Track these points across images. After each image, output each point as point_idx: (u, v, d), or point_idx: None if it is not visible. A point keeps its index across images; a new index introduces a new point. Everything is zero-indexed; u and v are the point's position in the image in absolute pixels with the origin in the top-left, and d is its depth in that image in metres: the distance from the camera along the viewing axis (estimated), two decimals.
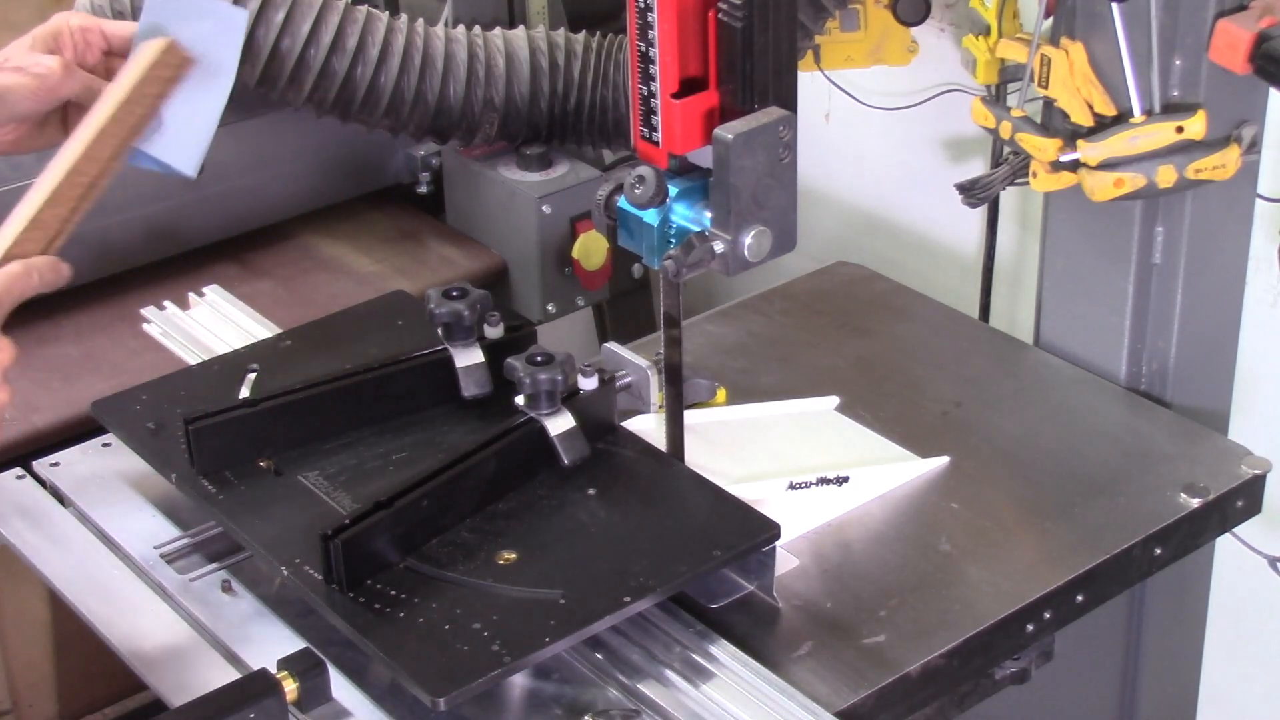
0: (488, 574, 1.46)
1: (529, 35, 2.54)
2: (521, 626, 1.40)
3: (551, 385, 1.57)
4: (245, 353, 1.80)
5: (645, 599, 1.44)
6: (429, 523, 1.50)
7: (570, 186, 2.62)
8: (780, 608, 1.53)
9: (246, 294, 1.99)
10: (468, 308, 1.68)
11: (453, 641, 1.39)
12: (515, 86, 2.52)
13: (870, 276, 2.13)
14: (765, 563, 1.53)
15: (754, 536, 1.51)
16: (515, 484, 1.56)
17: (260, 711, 1.36)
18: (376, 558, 1.46)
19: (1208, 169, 1.74)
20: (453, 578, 1.46)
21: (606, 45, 2.55)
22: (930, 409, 1.84)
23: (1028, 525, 1.68)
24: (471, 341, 1.70)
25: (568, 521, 1.53)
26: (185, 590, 1.57)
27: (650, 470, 1.61)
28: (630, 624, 1.48)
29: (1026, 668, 1.61)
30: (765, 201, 1.43)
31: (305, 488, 1.58)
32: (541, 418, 1.58)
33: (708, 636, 1.48)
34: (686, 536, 1.51)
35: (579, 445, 1.59)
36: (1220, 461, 1.75)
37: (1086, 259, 1.90)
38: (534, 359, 1.57)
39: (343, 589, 1.44)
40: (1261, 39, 1.68)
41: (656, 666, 1.45)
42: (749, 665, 1.45)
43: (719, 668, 1.45)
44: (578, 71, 2.53)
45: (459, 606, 1.42)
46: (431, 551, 1.49)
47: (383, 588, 1.44)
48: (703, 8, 1.42)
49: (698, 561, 1.48)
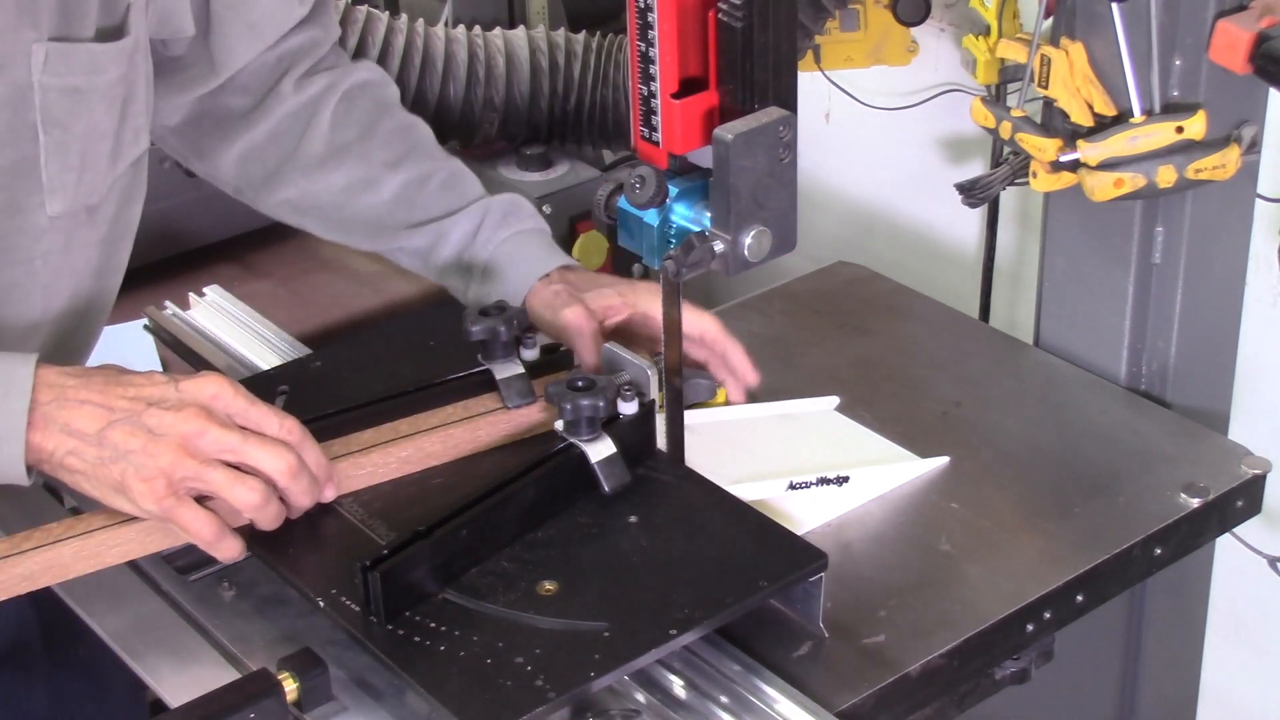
0: (529, 605, 1.43)
1: (529, 35, 2.54)
2: (565, 660, 1.37)
3: (593, 411, 1.53)
4: (275, 373, 1.79)
5: (692, 631, 1.41)
6: (468, 552, 1.47)
7: (570, 186, 2.62)
8: (824, 635, 1.50)
9: (246, 294, 1.99)
10: (504, 324, 1.64)
11: (496, 676, 1.35)
12: (515, 86, 2.52)
13: (870, 276, 2.13)
14: (812, 593, 1.49)
15: (801, 566, 1.47)
16: (555, 512, 1.53)
17: (260, 711, 1.36)
18: (415, 589, 1.43)
19: (1208, 169, 1.74)
20: (493, 610, 1.42)
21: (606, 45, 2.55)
22: (930, 409, 1.84)
23: (1028, 525, 1.68)
24: (510, 358, 1.66)
25: (609, 550, 1.50)
26: (185, 590, 1.57)
27: (692, 496, 1.57)
28: None
29: (1026, 668, 1.61)
30: (765, 201, 1.43)
31: (340, 515, 1.54)
32: (581, 444, 1.54)
33: (707, 636, 1.47)
34: (732, 565, 1.48)
35: (619, 472, 1.55)
36: (1220, 461, 1.75)
37: (1086, 259, 1.91)
38: (575, 384, 1.54)
39: (381, 621, 1.41)
40: (1261, 39, 1.68)
41: (654, 666, 1.45)
42: (749, 665, 1.45)
43: (718, 667, 1.45)
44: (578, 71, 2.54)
45: (500, 639, 1.39)
46: (470, 582, 1.45)
47: (421, 620, 1.41)
48: (703, 8, 1.42)
49: (744, 592, 1.44)
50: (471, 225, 1.81)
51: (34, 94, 1.51)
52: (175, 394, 1.43)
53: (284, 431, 1.46)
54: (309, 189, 1.83)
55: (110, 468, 1.41)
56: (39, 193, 1.56)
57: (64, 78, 1.53)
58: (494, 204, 1.83)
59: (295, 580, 1.49)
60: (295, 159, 1.82)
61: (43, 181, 1.55)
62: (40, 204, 1.57)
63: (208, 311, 1.99)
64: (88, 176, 1.59)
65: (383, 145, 1.83)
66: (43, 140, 1.54)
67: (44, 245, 1.59)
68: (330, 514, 1.54)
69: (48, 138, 1.54)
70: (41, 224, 1.58)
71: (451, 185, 1.84)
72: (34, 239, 1.58)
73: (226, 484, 1.42)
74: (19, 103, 1.51)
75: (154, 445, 1.40)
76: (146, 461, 1.40)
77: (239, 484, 1.42)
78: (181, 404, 1.42)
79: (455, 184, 1.84)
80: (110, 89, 1.58)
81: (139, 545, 1.48)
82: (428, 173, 1.83)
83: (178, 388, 1.44)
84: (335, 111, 1.82)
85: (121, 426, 1.41)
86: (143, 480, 1.40)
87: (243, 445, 1.43)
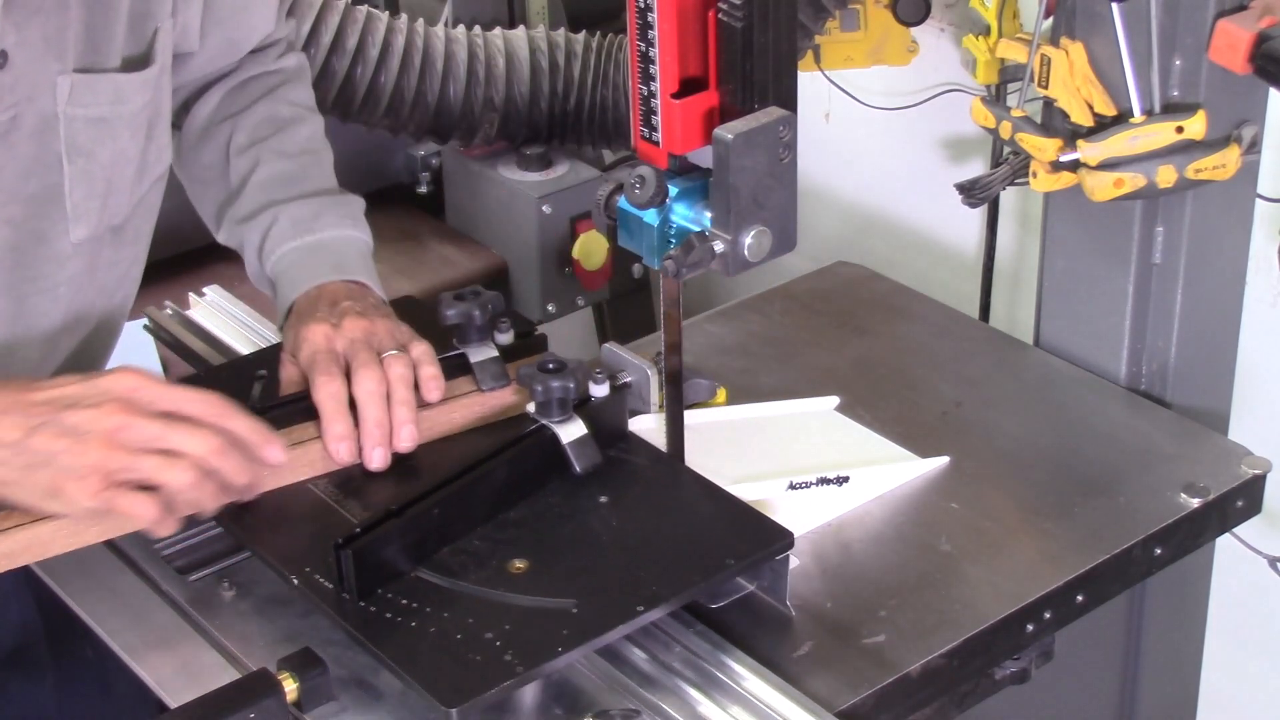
0: (499, 583, 1.45)
1: (529, 35, 2.54)
2: (534, 636, 1.39)
3: (564, 393, 1.55)
4: (253, 358, 1.79)
5: (658, 608, 1.43)
6: (440, 531, 1.49)
7: (570, 186, 2.62)
8: (790, 614, 1.52)
9: (246, 294, 1.99)
10: (479, 308, 1.66)
11: (465, 651, 1.38)
12: (515, 86, 2.52)
13: (870, 276, 2.13)
14: (779, 571, 1.52)
15: (767, 545, 1.50)
16: (526, 492, 1.55)
17: (260, 711, 1.36)
18: (388, 567, 1.45)
19: (1208, 169, 1.74)
20: (464, 587, 1.45)
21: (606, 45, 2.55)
22: (930, 409, 1.84)
23: (1028, 525, 1.68)
24: (485, 342, 1.67)
25: (579, 530, 1.52)
26: (185, 590, 1.57)
27: (662, 477, 1.60)
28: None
29: (1026, 668, 1.61)
30: (765, 201, 1.43)
31: (315, 495, 1.57)
32: (553, 425, 1.56)
33: (708, 636, 1.48)
34: (699, 544, 1.50)
35: (591, 453, 1.58)
36: (1220, 461, 1.75)
37: (1086, 259, 1.91)
38: (546, 366, 1.56)
39: (354, 598, 1.43)
40: (1261, 39, 1.68)
41: (656, 667, 1.45)
42: (749, 665, 1.45)
43: (719, 667, 1.45)
44: (578, 71, 2.54)
45: (471, 616, 1.41)
46: (442, 560, 1.48)
47: (394, 597, 1.44)
48: (703, 8, 1.42)
49: (711, 570, 1.47)
50: (258, 237, 1.73)
51: (59, 125, 1.52)
52: (92, 391, 1.42)
53: (207, 409, 1.45)
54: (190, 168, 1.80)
55: (39, 473, 1.39)
56: (64, 220, 1.56)
57: (89, 108, 1.54)
58: (285, 212, 1.73)
59: (269, 559, 1.51)
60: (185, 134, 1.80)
61: (67, 210, 1.56)
62: (65, 231, 1.57)
63: (208, 311, 1.99)
64: (112, 201, 1.60)
65: (245, 129, 1.77)
66: (67, 170, 1.54)
67: (69, 270, 1.60)
68: (304, 493, 1.56)
69: (72, 167, 1.54)
70: (66, 250, 1.59)
71: (266, 187, 1.75)
72: (59, 265, 1.59)
73: (159, 469, 1.40)
74: (45, 133, 1.52)
75: (79, 445, 1.39)
76: (75, 461, 1.39)
77: (171, 467, 1.41)
78: (100, 400, 1.40)
79: (271, 186, 1.75)
80: (135, 116, 1.58)
81: (116, 524, 1.48)
82: (250, 168, 1.75)
83: (93, 385, 1.42)
84: (231, 90, 1.78)
85: (44, 431, 1.39)
86: (76, 480, 1.39)
87: (167, 432, 1.41)
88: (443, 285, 2.61)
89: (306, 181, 1.75)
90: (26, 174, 1.53)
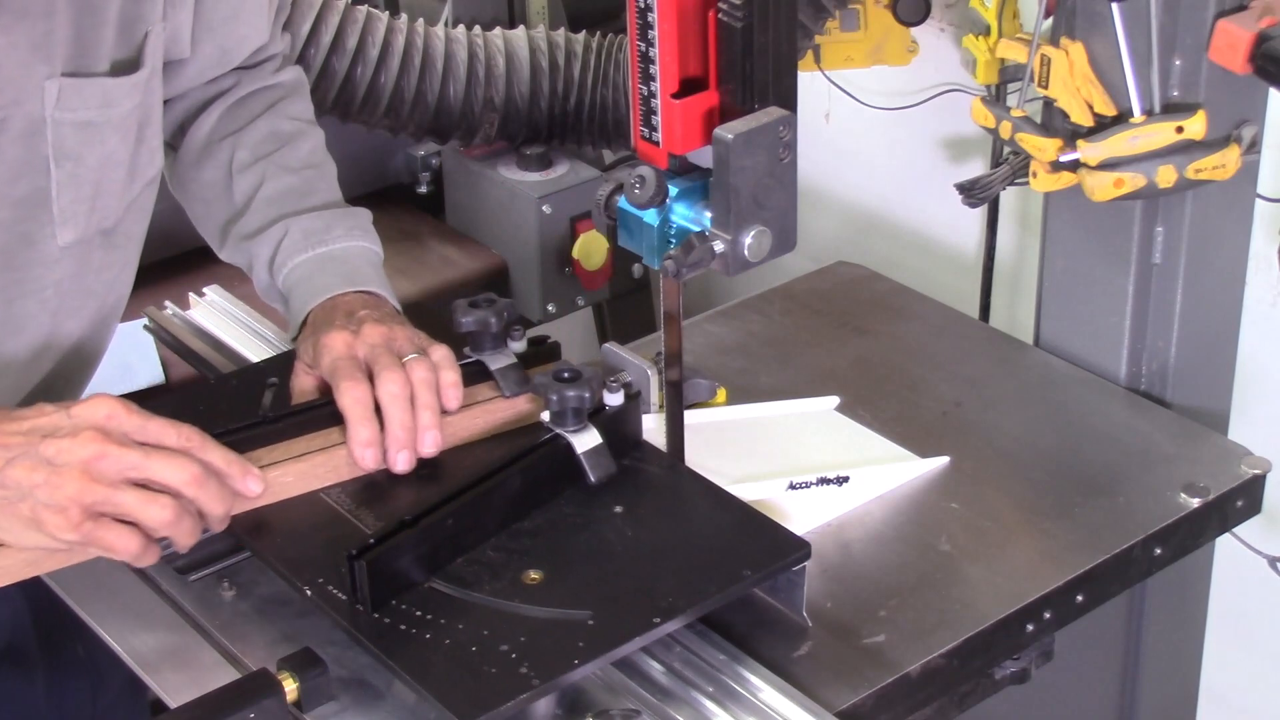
0: (514, 594, 1.43)
1: (529, 35, 2.54)
2: (549, 648, 1.38)
3: (579, 402, 1.53)
4: (264, 365, 1.79)
5: (675, 620, 1.42)
6: (454, 541, 1.47)
7: (570, 186, 2.62)
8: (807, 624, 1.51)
9: (246, 294, 1.98)
10: (494, 315, 1.64)
11: (480, 664, 1.36)
12: (515, 86, 2.52)
13: (870, 276, 2.13)
14: (795, 581, 1.50)
15: (784, 556, 1.48)
16: (540, 502, 1.54)
17: (260, 711, 1.36)
18: (401, 577, 1.44)
19: (1208, 169, 1.74)
20: (479, 598, 1.43)
21: (606, 45, 2.55)
22: (930, 409, 1.84)
23: (1028, 525, 1.68)
24: (499, 349, 1.66)
25: (594, 540, 1.50)
26: (185, 590, 1.57)
27: (677, 486, 1.58)
28: None
29: (1026, 668, 1.61)
30: (765, 201, 1.43)
31: (327, 505, 1.56)
32: (568, 434, 1.55)
33: (707, 636, 1.48)
34: (715, 555, 1.49)
35: (605, 462, 1.56)
36: (1220, 461, 1.75)
37: (1086, 259, 1.91)
38: (561, 375, 1.54)
39: (367, 609, 1.41)
40: (1261, 39, 1.68)
41: (654, 666, 1.45)
42: (748, 665, 1.45)
43: (718, 667, 1.45)
44: (578, 71, 2.54)
45: (486, 627, 1.40)
46: (456, 571, 1.46)
47: (408, 608, 1.42)
48: (703, 8, 1.42)
49: (727, 581, 1.45)
50: (268, 251, 1.73)
51: (47, 128, 1.51)
52: (68, 421, 1.41)
53: (183, 440, 1.44)
54: (190, 186, 1.80)
55: (19, 506, 1.39)
56: (50, 224, 1.56)
57: (77, 112, 1.53)
58: (295, 226, 1.72)
59: (282, 569, 1.50)
60: (183, 153, 1.80)
61: (54, 213, 1.55)
62: (51, 235, 1.57)
63: (208, 311, 1.99)
64: (100, 204, 1.59)
65: (247, 146, 1.77)
66: (54, 173, 1.54)
67: (57, 274, 1.59)
68: (317, 503, 1.55)
69: (59, 170, 1.54)
70: (54, 254, 1.58)
71: (274, 202, 1.75)
72: (47, 269, 1.58)
73: (138, 505, 1.40)
74: (32, 136, 1.52)
75: (56, 476, 1.38)
76: (53, 494, 1.38)
77: (150, 504, 1.40)
78: (76, 429, 1.40)
79: (279, 201, 1.75)
80: (124, 119, 1.58)
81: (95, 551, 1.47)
82: (256, 184, 1.75)
83: (69, 414, 1.41)
84: (230, 108, 1.78)
85: (21, 463, 1.38)
86: (56, 512, 1.38)
87: (144, 461, 1.41)
88: (443, 285, 2.61)
89: (314, 195, 1.76)
90: (14, 177, 1.52)
